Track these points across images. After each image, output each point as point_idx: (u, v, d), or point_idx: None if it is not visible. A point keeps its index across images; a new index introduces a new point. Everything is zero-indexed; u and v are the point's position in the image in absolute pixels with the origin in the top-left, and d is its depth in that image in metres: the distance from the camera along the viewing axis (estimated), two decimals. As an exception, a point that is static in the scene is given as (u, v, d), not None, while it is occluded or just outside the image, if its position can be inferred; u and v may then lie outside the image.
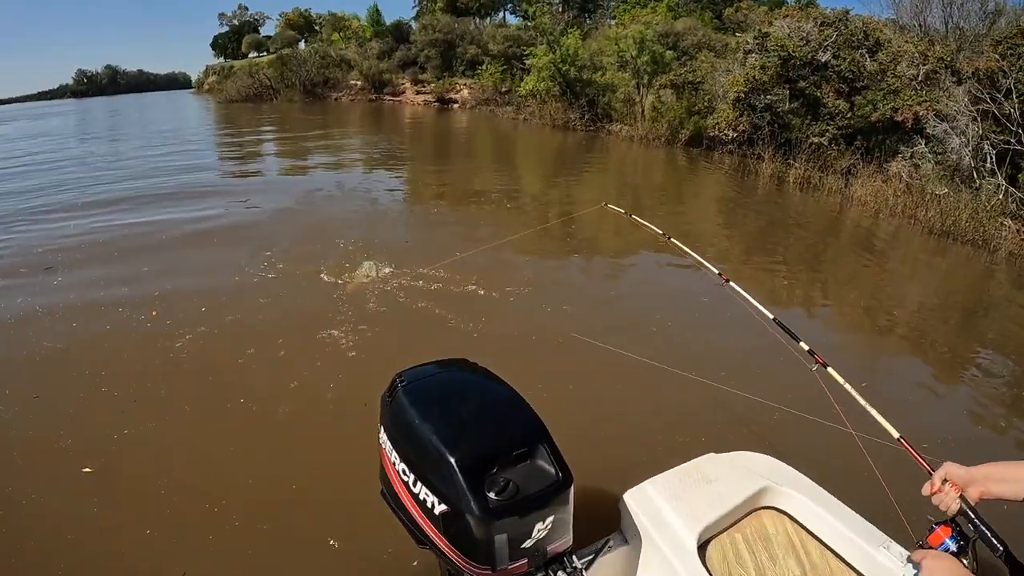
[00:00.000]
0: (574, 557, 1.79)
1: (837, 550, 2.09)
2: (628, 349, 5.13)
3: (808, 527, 2.18)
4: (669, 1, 38.95)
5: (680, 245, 4.13)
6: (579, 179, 14.71)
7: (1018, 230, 9.61)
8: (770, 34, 15.77)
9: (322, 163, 16.83)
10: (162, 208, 10.60)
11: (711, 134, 17.73)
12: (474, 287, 6.66)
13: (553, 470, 1.67)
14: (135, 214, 10.12)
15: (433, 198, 12.41)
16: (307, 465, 3.85)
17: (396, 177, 14.94)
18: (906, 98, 13.10)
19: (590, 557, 2.00)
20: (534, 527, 1.62)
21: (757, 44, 16.24)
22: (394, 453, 1.76)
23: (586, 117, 24.10)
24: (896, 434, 2.48)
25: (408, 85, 40.65)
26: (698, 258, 3.97)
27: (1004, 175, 10.30)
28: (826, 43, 15.01)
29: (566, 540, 1.75)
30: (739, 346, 5.54)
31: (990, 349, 6.25)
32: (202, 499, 3.53)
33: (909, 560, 1.51)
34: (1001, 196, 10.17)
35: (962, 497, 1.51)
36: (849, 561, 2.05)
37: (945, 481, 1.54)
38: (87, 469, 3.83)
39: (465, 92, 35.48)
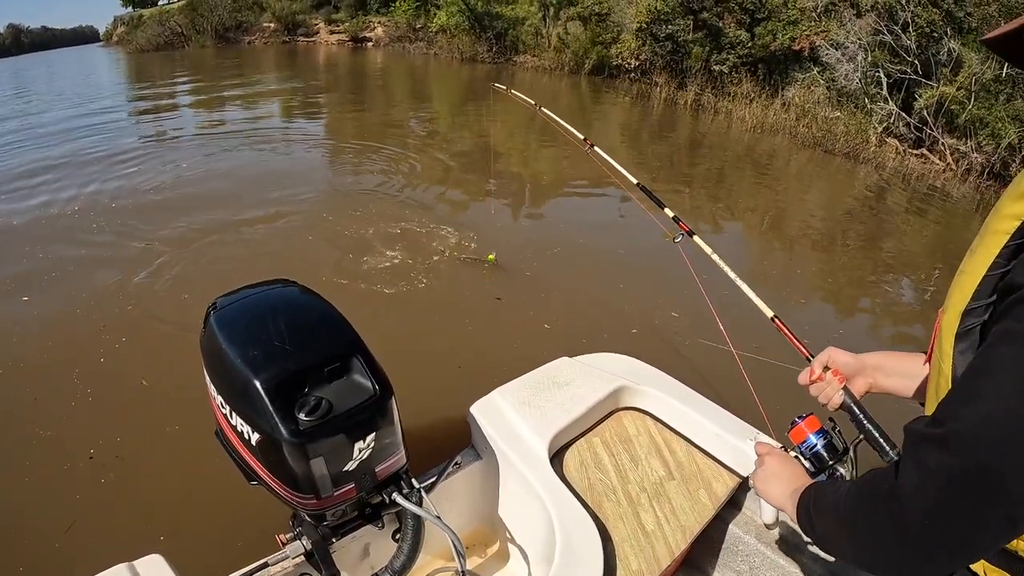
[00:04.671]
0: (412, 478, 1.57)
1: (703, 446, 1.99)
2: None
3: (671, 425, 2.08)
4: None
5: (550, 114, 3.87)
6: (491, 108, 14.26)
7: (904, 149, 10.23)
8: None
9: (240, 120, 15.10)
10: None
11: (615, 63, 17.48)
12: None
13: (370, 384, 1.43)
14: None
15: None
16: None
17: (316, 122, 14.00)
18: (804, 28, 13.19)
19: (432, 479, 1.79)
20: (354, 447, 1.39)
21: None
22: (212, 387, 1.51)
23: (494, 50, 23.68)
24: (770, 313, 2.14)
25: (322, 26, 38.22)
26: (566, 125, 3.72)
27: (898, 101, 10.56)
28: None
29: (397, 459, 1.51)
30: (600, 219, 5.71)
31: (885, 263, 6.36)
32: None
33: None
34: (892, 120, 10.48)
35: (846, 389, 1.20)
36: (716, 456, 1.96)
37: (827, 369, 1.23)
38: None
39: (379, 30, 33.64)
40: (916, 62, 10.43)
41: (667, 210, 2.74)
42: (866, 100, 10.98)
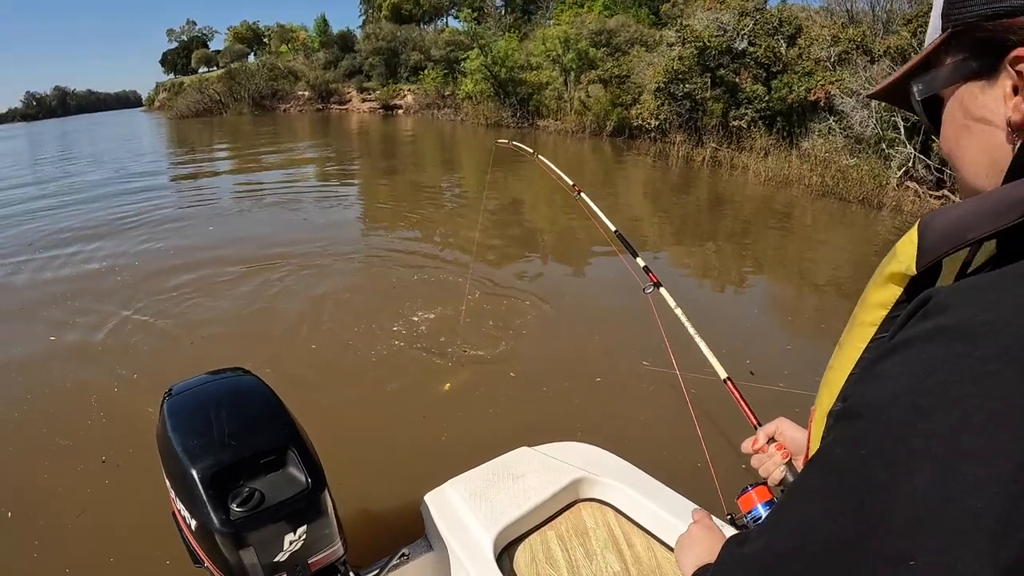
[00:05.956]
0: (351, 570, 1.62)
1: (665, 539, 1.87)
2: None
3: (632, 517, 1.97)
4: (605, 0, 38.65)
5: (545, 161, 3.95)
6: (517, 173, 14.47)
7: (923, 192, 10.06)
8: (689, 26, 15.82)
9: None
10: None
11: (635, 124, 17.75)
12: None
13: (303, 476, 1.51)
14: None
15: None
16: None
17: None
18: (819, 78, 13.27)
19: (375, 572, 1.81)
20: (284, 539, 1.45)
21: (679, 37, 16.30)
22: (163, 470, 1.62)
23: (517, 115, 24.33)
24: (723, 375, 2.10)
25: (354, 94, 39.85)
26: (559, 172, 3.79)
27: (916, 144, 10.47)
28: (743, 32, 15.00)
29: (332, 551, 1.55)
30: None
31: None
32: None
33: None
34: (911, 163, 10.41)
35: (790, 464, 1.08)
36: None
37: (772, 440, 1.11)
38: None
39: (409, 98, 34.88)
40: (934, 104, 10.35)
41: (639, 259, 2.76)
42: (883, 145, 10.94)
